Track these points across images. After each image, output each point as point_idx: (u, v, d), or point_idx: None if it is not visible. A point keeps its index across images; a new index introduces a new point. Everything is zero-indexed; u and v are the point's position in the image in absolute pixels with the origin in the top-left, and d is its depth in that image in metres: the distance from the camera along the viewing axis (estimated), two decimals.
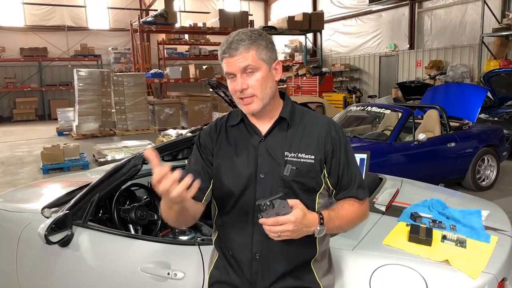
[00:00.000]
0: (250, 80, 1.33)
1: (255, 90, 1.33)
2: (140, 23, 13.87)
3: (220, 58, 1.36)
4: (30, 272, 2.29)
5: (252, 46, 1.32)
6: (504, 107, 8.75)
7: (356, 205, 1.41)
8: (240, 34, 1.34)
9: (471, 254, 1.72)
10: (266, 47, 1.35)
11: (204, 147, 1.45)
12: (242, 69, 1.31)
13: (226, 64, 1.34)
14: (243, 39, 1.32)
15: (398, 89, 11.72)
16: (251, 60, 1.31)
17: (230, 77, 1.35)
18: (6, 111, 16.84)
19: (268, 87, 1.35)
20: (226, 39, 1.35)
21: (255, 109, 1.35)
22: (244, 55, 1.31)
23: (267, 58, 1.35)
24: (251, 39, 1.32)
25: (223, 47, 1.34)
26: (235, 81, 1.33)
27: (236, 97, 1.35)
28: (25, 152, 9.38)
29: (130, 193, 2.67)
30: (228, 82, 1.36)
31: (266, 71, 1.35)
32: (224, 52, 1.33)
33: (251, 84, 1.32)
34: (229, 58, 1.32)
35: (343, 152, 1.41)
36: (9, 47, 16.43)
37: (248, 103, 1.34)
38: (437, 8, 14.65)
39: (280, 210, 1.16)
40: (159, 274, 1.82)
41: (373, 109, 6.08)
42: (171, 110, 12.49)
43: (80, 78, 11.23)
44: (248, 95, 1.33)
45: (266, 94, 1.35)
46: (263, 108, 1.36)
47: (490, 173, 5.74)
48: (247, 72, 1.32)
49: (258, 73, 1.33)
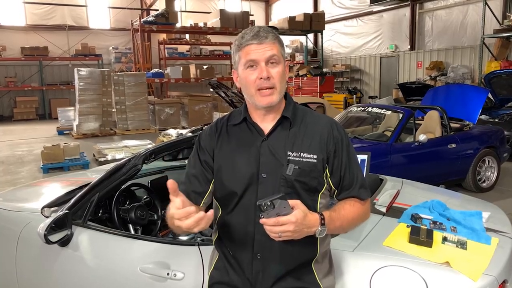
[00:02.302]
0: (273, 71, 1.33)
1: (276, 82, 1.33)
2: (141, 22, 13.87)
3: (243, 46, 1.33)
4: (29, 271, 2.29)
5: (277, 40, 1.35)
6: (504, 109, 8.74)
7: (358, 205, 1.41)
8: (264, 27, 1.36)
9: (471, 256, 1.71)
10: (283, 46, 1.39)
11: (204, 149, 1.45)
12: (268, 57, 1.32)
13: (250, 51, 1.32)
14: (269, 31, 1.34)
15: (399, 90, 11.72)
16: (276, 51, 1.33)
17: (250, 65, 1.33)
18: (7, 110, 16.85)
19: (284, 83, 1.37)
20: (244, 31, 1.35)
21: (273, 101, 1.34)
22: (271, 45, 1.32)
23: (284, 56, 1.38)
24: (275, 34, 1.35)
25: (246, 36, 1.33)
26: (256, 69, 1.32)
27: (254, 89, 1.33)
28: (25, 151, 9.39)
29: (130, 193, 2.67)
30: (247, 72, 1.34)
31: (284, 67, 1.37)
32: (251, 39, 1.32)
33: (273, 75, 1.33)
34: (257, 45, 1.31)
35: (345, 152, 1.40)
36: (10, 46, 16.44)
37: (267, 95, 1.33)
38: (438, 9, 14.65)
39: (281, 210, 1.16)
40: (158, 275, 1.82)
41: (373, 110, 6.08)
42: (172, 110, 12.49)
43: (81, 77, 11.23)
44: (270, 85, 1.33)
45: (283, 88, 1.36)
46: (278, 102, 1.37)
47: (490, 175, 5.74)
48: (271, 62, 1.33)
49: (280, 65, 1.34)
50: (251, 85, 1.33)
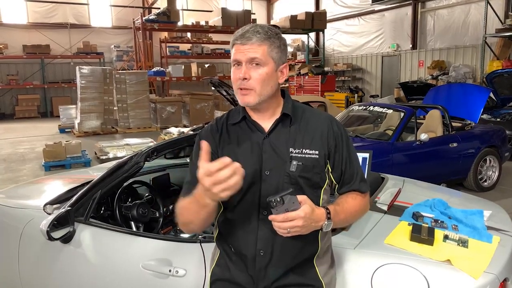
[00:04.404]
0: (253, 73, 1.33)
1: (255, 84, 1.33)
2: (143, 21, 13.86)
3: (232, 44, 1.36)
4: (32, 268, 2.30)
5: (266, 41, 1.33)
6: (506, 108, 8.74)
7: (359, 198, 1.44)
8: (257, 27, 1.35)
9: (473, 254, 1.71)
10: (278, 47, 1.35)
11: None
12: (249, 59, 1.32)
13: (236, 51, 1.34)
14: (259, 32, 1.32)
15: (400, 89, 11.70)
16: (260, 54, 1.32)
17: (235, 64, 1.35)
18: (9, 108, 16.87)
19: (269, 86, 1.35)
20: (242, 28, 1.36)
21: (249, 102, 1.35)
22: (256, 47, 1.32)
23: (276, 58, 1.35)
24: (267, 35, 1.33)
25: (237, 34, 1.35)
26: (239, 69, 1.34)
27: (236, 87, 1.35)
28: (27, 149, 9.40)
29: (132, 191, 2.68)
30: (232, 70, 1.36)
31: (272, 70, 1.35)
32: (237, 39, 1.34)
33: (253, 76, 1.32)
34: (240, 46, 1.32)
35: (345, 146, 1.42)
36: (11, 44, 16.47)
37: (244, 94, 1.34)
38: (440, 8, 14.63)
39: (289, 206, 1.17)
40: (160, 271, 1.82)
41: (375, 109, 6.07)
42: (173, 109, 12.49)
43: (83, 75, 11.24)
44: (247, 86, 1.33)
45: (264, 91, 1.34)
46: (258, 104, 1.36)
47: (492, 174, 5.73)
48: (253, 64, 1.32)
49: (263, 68, 1.33)
50: (234, 83, 1.36)
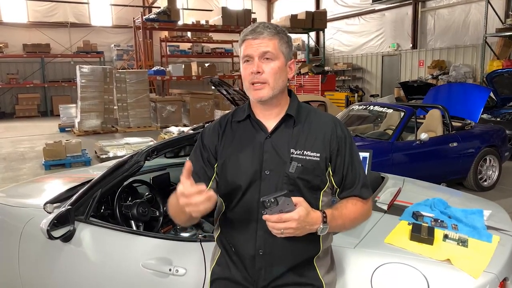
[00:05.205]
0: (266, 67, 1.34)
1: (269, 77, 1.34)
2: (143, 20, 13.85)
3: (241, 41, 1.37)
4: (32, 267, 2.30)
5: (276, 36, 1.35)
6: (506, 108, 8.74)
7: (360, 204, 1.42)
8: (266, 23, 1.38)
9: (472, 254, 1.72)
10: (287, 42, 1.39)
11: (206, 147, 1.45)
12: (262, 53, 1.33)
13: (247, 46, 1.35)
14: (269, 27, 1.35)
15: (401, 88, 11.70)
16: (272, 47, 1.34)
17: (246, 60, 1.36)
18: (9, 107, 16.86)
19: (281, 79, 1.37)
20: (250, 26, 1.39)
21: (264, 96, 1.35)
22: (267, 41, 1.34)
23: (286, 53, 1.38)
24: (276, 30, 1.36)
25: (247, 30, 1.37)
26: (251, 64, 1.35)
27: (248, 82, 1.36)
28: (27, 148, 9.40)
29: (132, 190, 2.68)
30: (243, 67, 1.37)
31: (283, 64, 1.37)
32: (247, 34, 1.35)
33: (266, 70, 1.34)
34: (252, 40, 1.34)
35: (348, 151, 1.41)
36: (12, 43, 16.45)
37: (258, 89, 1.35)
38: (441, 7, 14.62)
39: (284, 207, 1.17)
40: (160, 270, 1.83)
41: (375, 108, 6.07)
42: (173, 108, 12.49)
43: (83, 74, 11.24)
44: (261, 80, 1.34)
45: (277, 85, 1.36)
46: (271, 98, 1.36)
47: (492, 174, 5.73)
48: (266, 58, 1.34)
49: (275, 61, 1.35)
50: (246, 79, 1.36)
